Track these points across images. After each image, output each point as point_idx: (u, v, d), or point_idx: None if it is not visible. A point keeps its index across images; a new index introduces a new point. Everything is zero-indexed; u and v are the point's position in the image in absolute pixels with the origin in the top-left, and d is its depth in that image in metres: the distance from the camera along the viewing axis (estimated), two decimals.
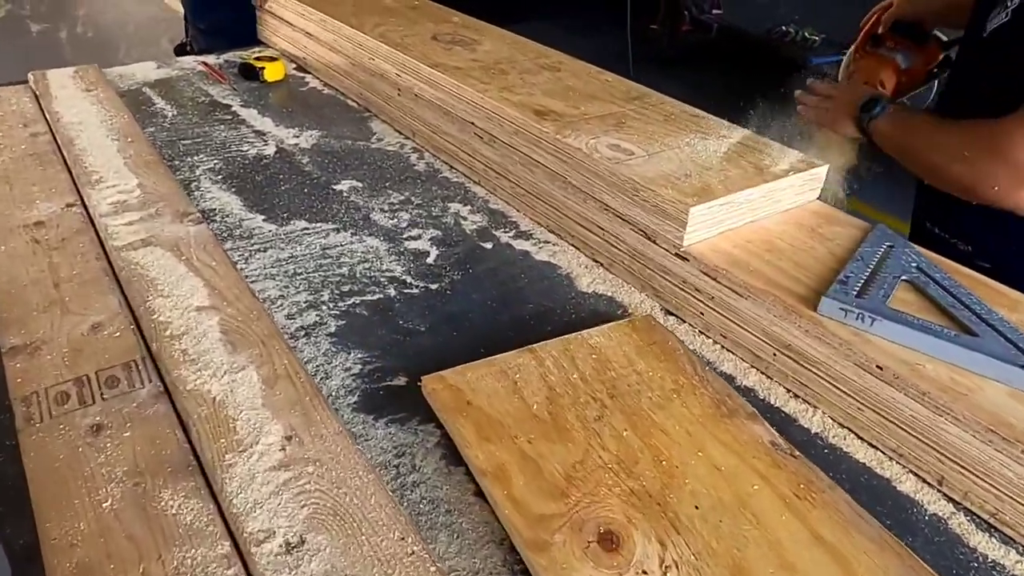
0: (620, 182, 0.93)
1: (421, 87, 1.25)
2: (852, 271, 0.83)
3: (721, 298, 0.86)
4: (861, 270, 0.84)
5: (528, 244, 1.05)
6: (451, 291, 0.95)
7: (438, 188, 1.18)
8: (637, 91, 1.20)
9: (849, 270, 0.83)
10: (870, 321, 0.75)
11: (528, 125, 1.05)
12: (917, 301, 0.81)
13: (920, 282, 0.83)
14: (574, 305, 0.94)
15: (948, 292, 0.81)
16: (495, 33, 1.45)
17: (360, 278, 0.96)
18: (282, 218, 1.07)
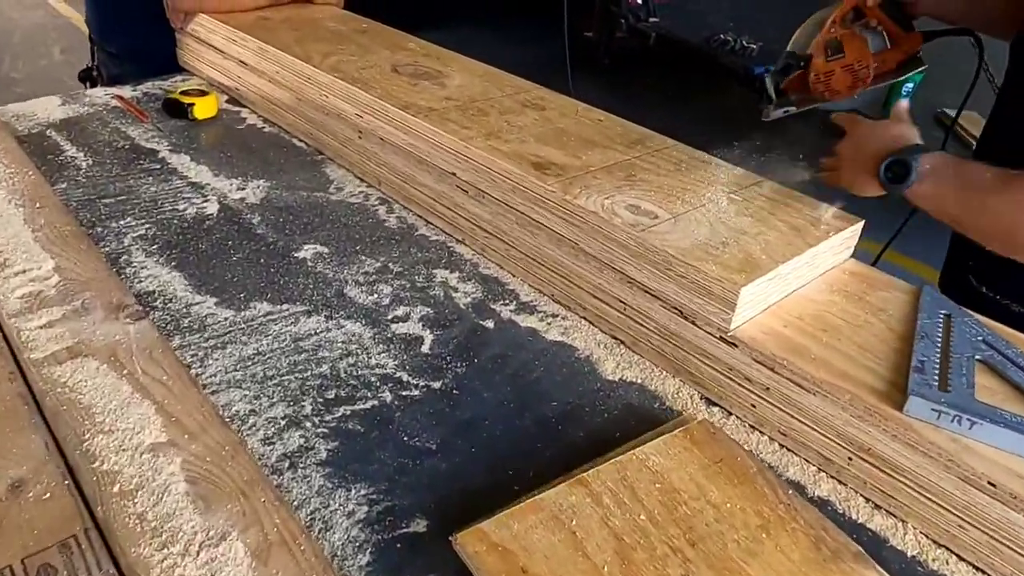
0: (648, 253, 0.81)
1: (388, 131, 1.09)
2: (923, 354, 0.73)
3: (780, 391, 0.74)
4: (931, 351, 0.74)
5: (534, 320, 0.91)
6: (457, 390, 0.80)
7: (417, 250, 1.03)
8: (636, 133, 1.07)
9: (920, 353, 0.73)
10: (968, 424, 0.65)
11: (528, 182, 0.91)
12: (1000, 388, 0.71)
13: (995, 362, 0.74)
14: (603, 398, 0.80)
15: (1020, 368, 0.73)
16: (461, 63, 1.30)
17: (346, 379, 0.80)
18: (239, 300, 0.90)
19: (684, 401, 0.81)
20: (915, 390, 0.67)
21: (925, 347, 0.75)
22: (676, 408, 0.80)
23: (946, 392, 0.68)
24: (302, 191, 1.14)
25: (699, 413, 0.79)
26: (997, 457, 0.64)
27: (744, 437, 0.77)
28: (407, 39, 1.39)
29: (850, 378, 0.71)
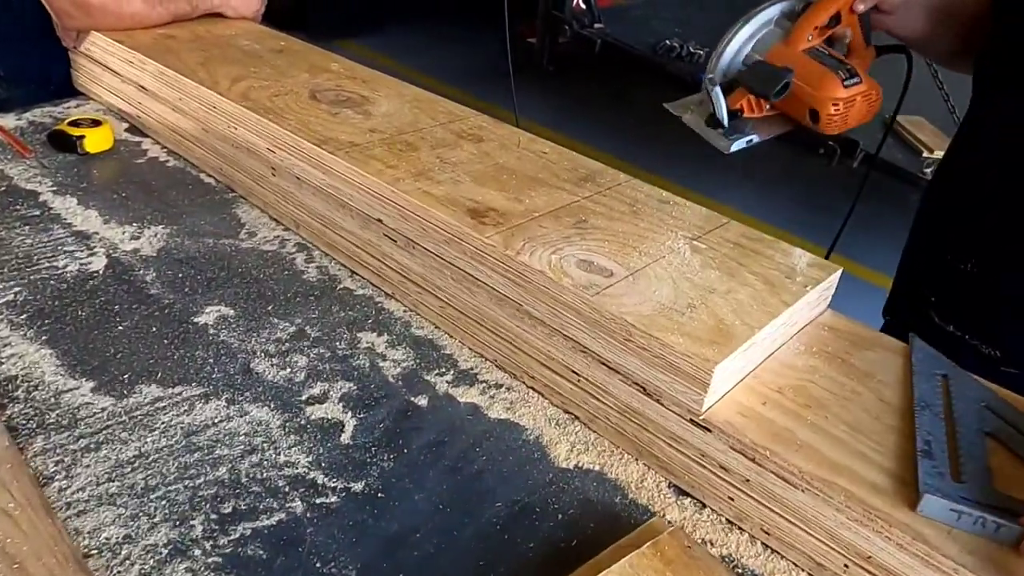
0: (605, 321, 0.69)
1: (304, 169, 0.95)
2: (928, 431, 0.64)
3: (762, 484, 0.64)
4: (936, 427, 0.64)
5: (475, 393, 0.79)
6: (383, 492, 0.67)
7: (340, 308, 0.89)
8: (584, 168, 0.96)
9: (924, 430, 0.64)
10: (995, 527, 0.55)
11: (464, 233, 0.79)
12: (1013, 469, 0.62)
13: (1005, 436, 0.65)
14: (556, 493, 0.68)
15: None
16: (388, 85, 1.16)
17: (248, 484, 0.66)
18: (122, 383, 0.75)
19: (650, 492, 0.69)
20: (929, 484, 0.57)
21: (929, 421, 0.65)
22: (641, 502, 0.68)
23: (959, 483, 0.58)
24: (207, 238, 0.99)
25: (668, 507, 0.68)
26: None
27: (721, 536, 0.66)
28: (329, 59, 1.25)
29: (843, 471, 0.61)
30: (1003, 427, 0.65)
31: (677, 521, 0.67)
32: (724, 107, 0.93)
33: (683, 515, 0.67)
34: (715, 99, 0.93)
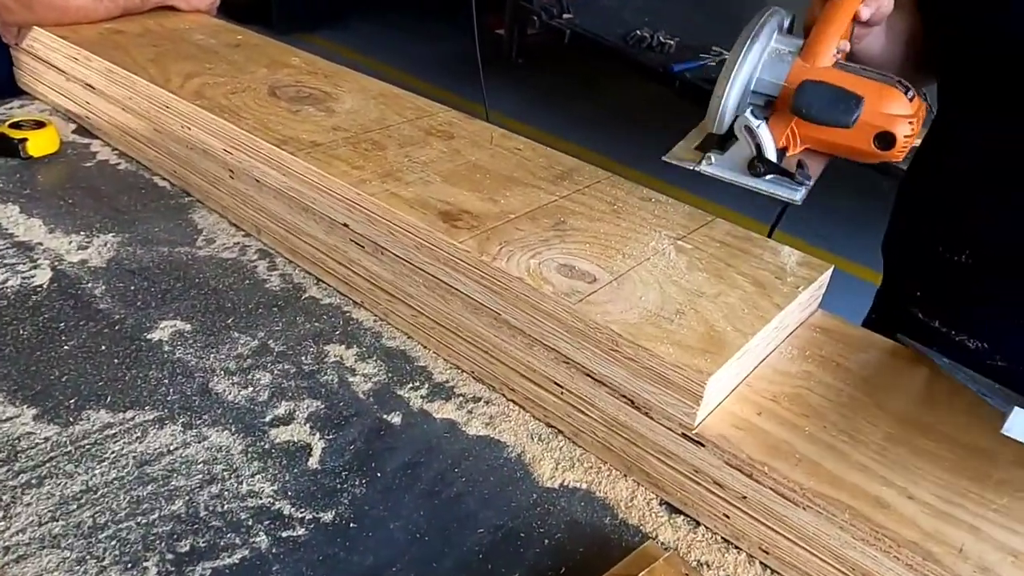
0: (589, 330, 0.65)
1: (264, 171, 0.90)
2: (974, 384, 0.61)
3: (760, 501, 0.60)
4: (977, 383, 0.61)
5: (451, 408, 0.74)
6: (356, 523, 0.62)
7: (305, 319, 0.84)
8: (560, 164, 0.91)
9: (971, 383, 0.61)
10: None
11: (436, 238, 0.74)
12: None
13: None
14: (541, 516, 0.64)
15: None
16: (352, 80, 1.11)
17: (208, 519, 0.61)
18: (68, 409, 0.69)
19: (641, 510, 0.65)
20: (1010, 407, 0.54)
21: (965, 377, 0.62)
22: (632, 522, 0.64)
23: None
24: (162, 246, 0.93)
25: (660, 527, 0.64)
26: None
27: (717, 557, 0.62)
28: (290, 53, 1.19)
29: (846, 486, 0.57)
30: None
31: (670, 542, 0.63)
32: (775, 147, 0.76)
33: (676, 535, 0.63)
34: (763, 139, 0.75)
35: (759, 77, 0.76)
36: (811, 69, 0.74)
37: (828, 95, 0.72)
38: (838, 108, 0.71)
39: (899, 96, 0.73)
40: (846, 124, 0.72)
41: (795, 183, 0.75)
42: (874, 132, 0.73)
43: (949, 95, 0.89)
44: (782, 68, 0.76)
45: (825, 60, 0.75)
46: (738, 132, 0.76)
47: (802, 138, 0.78)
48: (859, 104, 0.71)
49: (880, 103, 0.73)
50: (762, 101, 0.77)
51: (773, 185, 0.76)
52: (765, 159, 0.75)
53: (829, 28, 0.76)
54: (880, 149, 0.73)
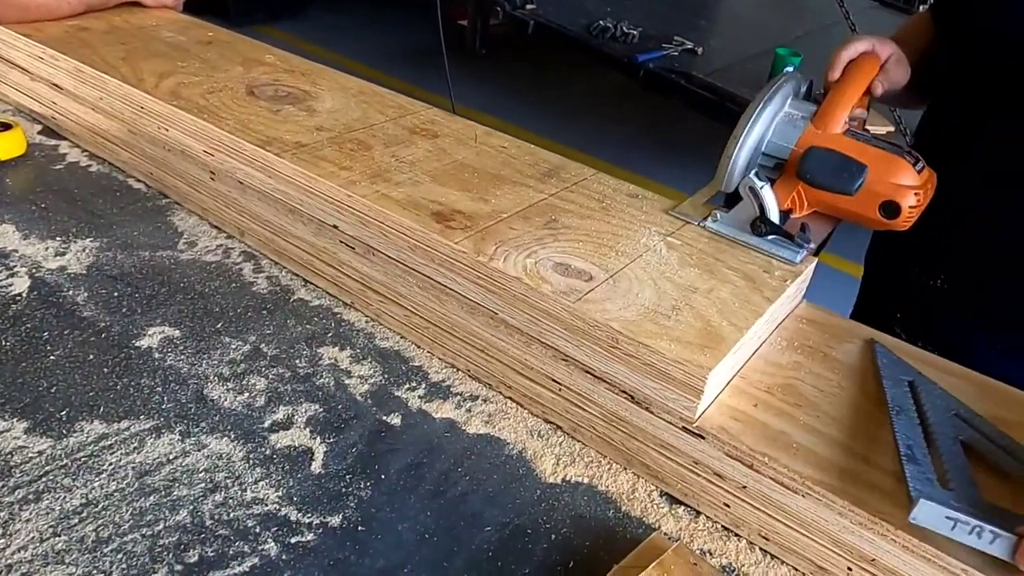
0: (588, 328, 0.66)
1: (247, 173, 0.89)
2: (907, 435, 0.62)
3: (759, 490, 0.62)
4: (913, 432, 0.63)
5: (450, 407, 0.75)
6: (364, 526, 0.62)
7: (296, 322, 0.83)
8: (546, 162, 0.92)
9: (904, 435, 0.62)
10: (991, 537, 0.54)
11: (430, 239, 0.74)
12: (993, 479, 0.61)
13: (978, 445, 0.63)
14: (546, 512, 0.65)
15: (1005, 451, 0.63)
16: (331, 78, 1.10)
17: (214, 528, 0.60)
18: (59, 420, 0.68)
19: (642, 502, 0.67)
20: (920, 490, 0.56)
21: (907, 426, 0.64)
22: (635, 514, 0.66)
23: (948, 491, 0.57)
24: (143, 251, 0.91)
25: (662, 517, 0.66)
26: None
27: (719, 545, 0.64)
28: (264, 50, 1.17)
29: (843, 473, 0.60)
30: (975, 437, 0.64)
31: (673, 532, 0.64)
32: (777, 209, 0.77)
33: (679, 525, 0.65)
34: (766, 201, 0.76)
35: (770, 140, 0.78)
36: (822, 135, 0.76)
37: (833, 162, 0.73)
38: (841, 176, 0.73)
39: (906, 167, 0.74)
40: (848, 192, 0.73)
41: (795, 245, 0.76)
42: (880, 201, 0.74)
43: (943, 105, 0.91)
44: (794, 133, 0.77)
45: (836, 127, 0.76)
46: (743, 192, 0.77)
47: (809, 201, 0.79)
48: (862, 173, 0.72)
49: (887, 173, 0.73)
50: (772, 163, 0.79)
51: (774, 245, 0.77)
52: (767, 220, 0.76)
53: (842, 98, 0.77)
54: (885, 218, 0.74)
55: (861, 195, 0.73)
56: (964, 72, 0.85)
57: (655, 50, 2.82)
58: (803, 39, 3.15)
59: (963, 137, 0.83)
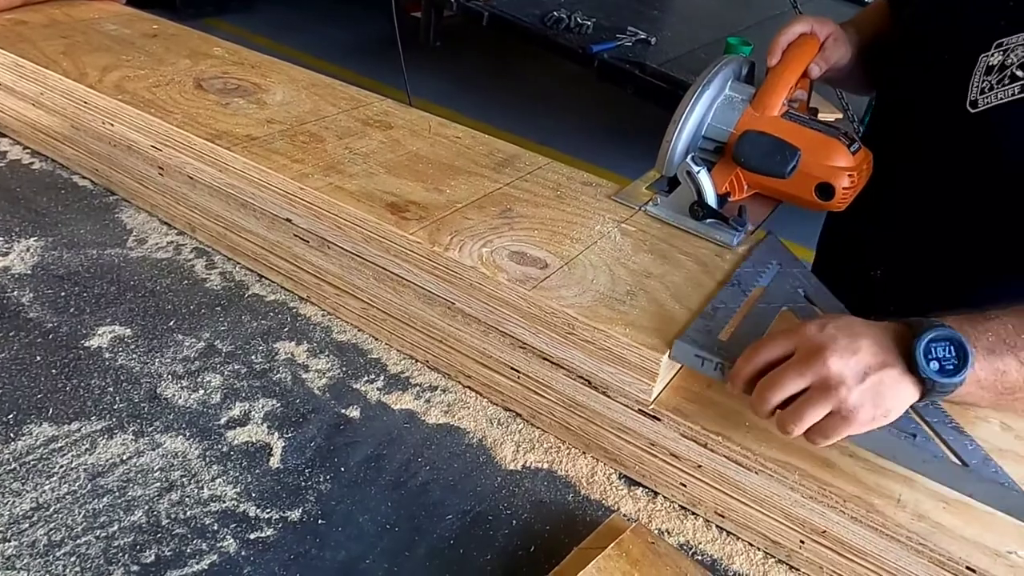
0: (545, 315, 0.66)
1: (197, 167, 0.87)
2: (723, 302, 0.67)
3: (714, 468, 0.63)
4: (734, 299, 0.68)
5: (409, 398, 0.75)
6: (324, 519, 0.62)
7: (251, 317, 0.82)
8: (501, 152, 0.92)
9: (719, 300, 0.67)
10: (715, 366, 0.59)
11: (385, 231, 0.74)
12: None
13: (805, 313, 0.68)
14: (507, 498, 0.66)
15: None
16: (281, 71, 1.08)
17: (170, 527, 0.59)
18: (6, 424, 0.66)
19: (602, 485, 0.68)
20: (688, 336, 0.61)
21: (730, 295, 0.68)
22: (594, 497, 0.67)
23: (722, 342, 0.62)
24: (90, 249, 0.89)
25: (621, 499, 0.67)
26: (975, 538, 0.56)
27: (676, 524, 0.65)
28: (211, 42, 1.15)
29: (794, 449, 0.61)
30: (807, 308, 0.68)
31: (632, 513, 0.66)
32: (714, 193, 0.78)
33: (637, 506, 0.66)
34: (702, 184, 0.76)
35: (710, 123, 0.78)
36: (759, 118, 0.76)
37: (767, 146, 0.74)
38: (775, 159, 0.74)
39: (841, 149, 0.74)
40: (782, 174, 0.74)
41: (731, 228, 0.77)
42: (815, 183, 0.75)
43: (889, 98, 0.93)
44: (733, 116, 0.78)
45: (774, 110, 0.76)
46: (680, 176, 0.78)
47: (748, 184, 0.80)
48: (795, 156, 0.73)
49: (822, 155, 0.74)
50: (712, 147, 0.79)
51: (711, 229, 0.78)
52: (705, 204, 0.77)
53: (780, 80, 0.78)
54: (821, 199, 0.75)
55: (796, 177, 0.74)
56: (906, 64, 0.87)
57: (609, 40, 2.83)
58: (754, 28, 3.20)
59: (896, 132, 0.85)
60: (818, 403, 0.52)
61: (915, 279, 0.88)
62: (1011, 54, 0.72)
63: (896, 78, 0.89)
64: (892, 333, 0.55)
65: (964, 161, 0.78)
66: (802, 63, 0.80)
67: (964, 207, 0.80)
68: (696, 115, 0.78)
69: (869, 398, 0.52)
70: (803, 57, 0.80)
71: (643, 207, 0.82)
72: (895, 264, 0.90)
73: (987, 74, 0.73)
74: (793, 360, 0.54)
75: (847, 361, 0.52)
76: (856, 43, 0.88)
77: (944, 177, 0.79)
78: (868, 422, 0.52)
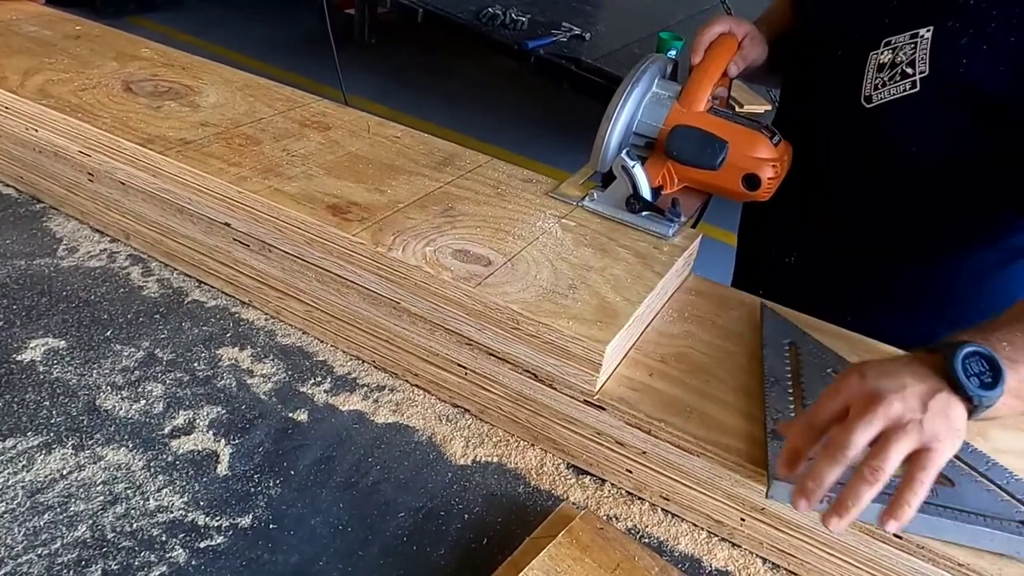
0: (489, 312, 0.67)
1: (129, 173, 0.85)
2: (777, 410, 0.66)
3: (658, 454, 0.65)
4: (784, 404, 0.67)
5: (357, 398, 0.75)
6: (275, 523, 0.62)
7: (192, 324, 0.81)
8: (441, 151, 0.93)
9: (773, 409, 0.66)
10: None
11: (327, 233, 0.74)
12: None
13: None
14: (458, 493, 0.67)
15: None
16: (212, 71, 1.06)
17: (116, 540, 0.58)
18: None
19: (551, 476, 0.69)
20: (779, 474, 0.58)
21: (777, 398, 0.67)
22: (543, 487, 0.68)
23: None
24: (17, 259, 0.86)
25: (570, 488, 0.68)
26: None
27: (624, 509, 0.67)
28: (140, 44, 1.12)
29: (733, 432, 0.64)
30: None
31: (580, 501, 0.67)
32: (649, 186, 0.80)
33: (585, 494, 0.68)
34: (637, 178, 0.79)
35: (640, 119, 0.81)
36: (687, 114, 0.79)
37: (697, 139, 0.77)
38: (705, 152, 0.77)
39: (764, 141, 0.78)
40: (712, 166, 0.77)
41: (667, 220, 0.80)
42: (741, 174, 0.78)
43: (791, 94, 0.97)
44: (661, 112, 0.80)
45: (700, 106, 0.79)
46: (616, 171, 0.80)
47: (679, 178, 0.83)
48: (724, 148, 0.77)
49: (746, 147, 0.78)
50: (643, 142, 0.82)
51: (647, 221, 0.80)
52: (640, 197, 0.79)
53: (704, 77, 0.81)
54: (747, 190, 0.79)
55: (724, 169, 0.78)
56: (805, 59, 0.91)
57: (544, 36, 2.86)
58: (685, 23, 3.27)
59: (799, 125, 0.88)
60: (900, 442, 0.50)
61: (825, 264, 0.92)
62: (899, 52, 0.76)
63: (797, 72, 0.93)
64: (919, 362, 0.54)
65: (861, 153, 0.82)
66: (723, 61, 0.83)
67: (863, 196, 0.84)
68: (627, 112, 0.80)
69: (941, 422, 0.51)
70: (724, 55, 0.83)
71: (580, 203, 0.83)
72: (807, 250, 0.94)
73: (879, 71, 0.77)
74: (853, 415, 0.52)
75: (905, 398, 0.51)
76: (769, 40, 0.91)
77: (844, 168, 0.83)
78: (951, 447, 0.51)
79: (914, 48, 0.75)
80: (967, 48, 0.72)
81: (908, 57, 0.75)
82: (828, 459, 0.51)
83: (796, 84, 0.95)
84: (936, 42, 0.74)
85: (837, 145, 0.83)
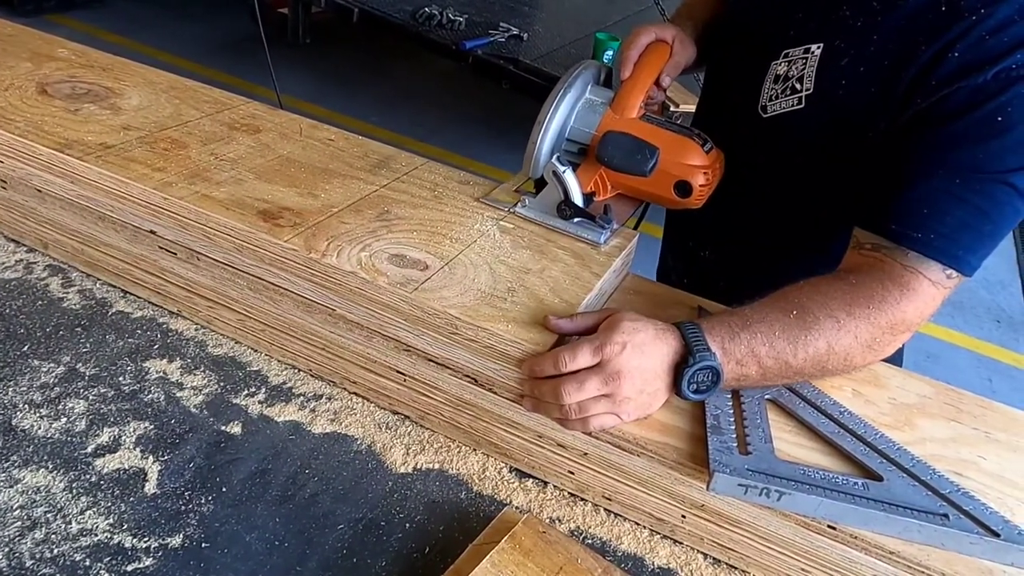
0: (427, 316, 0.66)
1: (46, 179, 0.81)
2: (716, 406, 0.66)
3: (599, 455, 0.65)
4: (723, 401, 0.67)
5: (293, 408, 0.73)
6: (207, 542, 0.60)
7: (116, 336, 0.78)
8: (376, 153, 0.91)
9: (712, 405, 0.67)
10: (777, 496, 0.60)
11: (258, 239, 0.72)
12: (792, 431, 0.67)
13: (784, 400, 0.70)
14: (399, 502, 0.65)
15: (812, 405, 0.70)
16: (135, 72, 1.02)
17: (35, 568, 0.55)
18: None
19: (493, 480, 0.69)
20: (718, 462, 0.60)
21: (716, 395, 0.68)
22: (486, 492, 0.68)
23: (747, 455, 0.62)
24: None
25: (513, 492, 0.68)
26: None
27: (567, 511, 0.67)
28: (57, 43, 1.07)
29: (672, 431, 0.65)
30: (782, 392, 0.71)
31: (523, 504, 0.67)
32: (580, 192, 0.79)
33: (528, 497, 0.68)
34: (568, 184, 0.78)
35: (572, 125, 0.80)
36: (619, 120, 0.79)
37: (628, 146, 0.77)
38: (636, 158, 0.76)
39: (695, 148, 0.78)
40: (643, 173, 0.77)
41: (598, 226, 0.80)
42: (673, 181, 0.78)
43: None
44: (593, 118, 0.79)
45: (632, 112, 0.79)
46: (547, 177, 0.79)
47: (612, 184, 0.82)
48: (655, 155, 0.76)
49: (678, 154, 0.77)
50: (575, 148, 0.81)
51: (579, 227, 0.80)
52: (571, 203, 0.79)
53: (636, 84, 0.80)
54: (679, 197, 0.79)
55: (656, 176, 0.77)
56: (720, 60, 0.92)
57: (482, 36, 2.85)
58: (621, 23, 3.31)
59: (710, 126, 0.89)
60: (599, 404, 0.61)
61: (735, 258, 0.95)
62: (793, 66, 0.78)
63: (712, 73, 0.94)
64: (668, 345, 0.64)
65: (760, 157, 0.84)
66: (656, 67, 0.83)
67: (765, 197, 0.86)
68: (559, 118, 0.79)
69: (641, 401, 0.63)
70: (656, 62, 0.83)
71: (512, 208, 0.83)
72: (718, 245, 0.96)
73: (775, 82, 0.79)
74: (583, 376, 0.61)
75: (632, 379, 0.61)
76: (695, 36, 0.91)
77: (747, 170, 0.85)
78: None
79: (804, 64, 0.77)
80: (847, 69, 0.74)
81: (799, 72, 0.77)
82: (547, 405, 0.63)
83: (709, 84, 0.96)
84: (823, 60, 0.75)
85: (741, 149, 0.84)
